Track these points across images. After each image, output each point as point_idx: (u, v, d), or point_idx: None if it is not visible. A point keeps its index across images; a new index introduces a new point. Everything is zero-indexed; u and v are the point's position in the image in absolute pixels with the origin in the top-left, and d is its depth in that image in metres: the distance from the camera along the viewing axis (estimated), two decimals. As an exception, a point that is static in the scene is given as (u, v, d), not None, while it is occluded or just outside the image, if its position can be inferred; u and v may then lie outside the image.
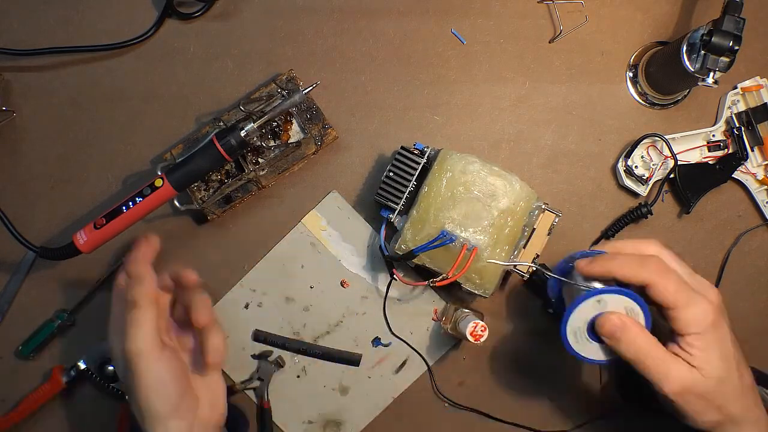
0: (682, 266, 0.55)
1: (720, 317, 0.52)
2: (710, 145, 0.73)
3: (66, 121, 0.71)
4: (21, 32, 0.70)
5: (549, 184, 0.74)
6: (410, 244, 0.64)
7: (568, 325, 0.55)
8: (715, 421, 0.52)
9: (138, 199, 0.62)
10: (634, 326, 0.53)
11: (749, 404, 0.53)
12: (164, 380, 0.54)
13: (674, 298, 0.51)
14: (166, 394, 0.54)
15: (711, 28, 0.63)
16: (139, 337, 0.53)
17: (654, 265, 0.53)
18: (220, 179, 0.69)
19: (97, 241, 0.63)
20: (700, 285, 0.54)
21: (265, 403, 0.71)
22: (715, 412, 0.52)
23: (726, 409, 0.52)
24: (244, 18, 0.73)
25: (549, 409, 0.73)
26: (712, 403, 0.52)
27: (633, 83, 0.74)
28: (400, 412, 0.72)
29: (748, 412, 0.53)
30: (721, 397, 0.52)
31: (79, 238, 0.62)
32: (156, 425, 0.53)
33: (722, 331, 0.52)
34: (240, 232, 0.71)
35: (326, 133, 0.70)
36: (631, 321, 0.53)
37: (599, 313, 0.54)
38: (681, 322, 0.51)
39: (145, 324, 0.54)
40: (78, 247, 0.62)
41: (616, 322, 0.53)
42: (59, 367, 0.68)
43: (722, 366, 0.51)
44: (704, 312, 0.51)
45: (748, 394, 0.53)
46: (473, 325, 0.65)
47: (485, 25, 0.74)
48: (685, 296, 0.51)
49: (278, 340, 0.71)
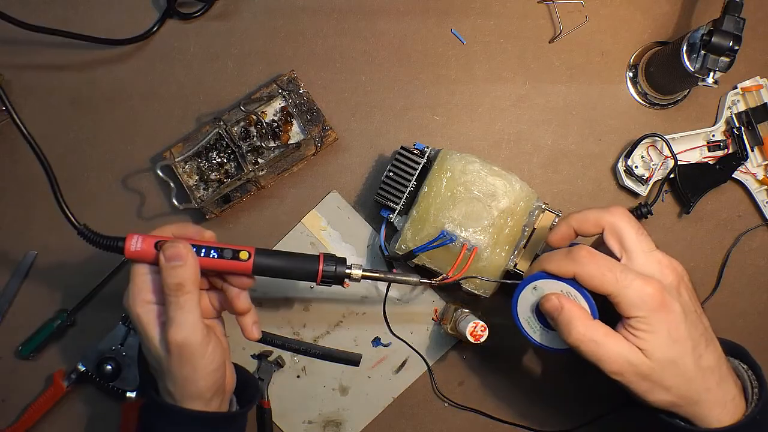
0: (640, 242, 0.53)
1: (670, 299, 0.51)
2: (710, 145, 0.73)
3: (66, 121, 0.71)
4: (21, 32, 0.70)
5: (549, 184, 0.74)
6: (410, 244, 0.64)
7: (519, 317, 0.58)
8: (667, 401, 0.52)
9: (213, 254, 0.55)
10: (571, 306, 0.53)
11: (708, 386, 0.52)
12: (211, 368, 0.54)
13: (601, 283, 0.51)
14: (213, 379, 0.54)
15: (711, 28, 0.63)
16: (187, 324, 0.52)
17: (578, 254, 0.52)
18: (219, 179, 0.69)
19: (146, 256, 0.55)
20: (657, 263, 0.53)
21: (265, 403, 0.71)
22: (663, 392, 0.51)
23: (678, 390, 0.51)
24: (244, 18, 0.73)
25: (549, 409, 0.73)
26: (659, 384, 0.51)
27: (633, 83, 0.74)
28: (400, 412, 0.72)
29: (707, 393, 0.51)
30: (671, 379, 0.51)
31: (133, 245, 0.55)
32: (196, 404, 0.54)
33: (672, 313, 0.51)
34: (240, 232, 0.71)
35: (326, 134, 0.70)
36: (568, 301, 0.53)
37: (538, 300, 0.55)
38: (622, 306, 0.51)
39: (192, 310, 0.52)
40: (124, 248, 0.55)
41: (555, 303, 0.53)
42: (60, 372, 0.68)
43: (671, 348, 0.51)
44: (645, 294, 0.50)
45: (707, 375, 0.52)
46: (473, 325, 0.65)
47: (485, 25, 0.74)
48: (614, 279, 0.50)
49: (278, 340, 0.71)
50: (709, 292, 0.74)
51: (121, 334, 0.68)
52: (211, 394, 0.55)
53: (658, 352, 0.50)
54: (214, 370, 0.54)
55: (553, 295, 0.54)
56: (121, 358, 0.68)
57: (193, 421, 0.55)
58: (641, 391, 0.52)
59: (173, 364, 0.53)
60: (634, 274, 0.51)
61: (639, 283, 0.50)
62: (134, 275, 0.55)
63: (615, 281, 0.51)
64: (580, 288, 0.53)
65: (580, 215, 0.56)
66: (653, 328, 0.50)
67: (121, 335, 0.68)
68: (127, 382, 0.68)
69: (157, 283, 0.54)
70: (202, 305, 0.58)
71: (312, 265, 0.57)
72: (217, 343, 0.55)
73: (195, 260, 0.53)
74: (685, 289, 0.53)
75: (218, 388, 0.56)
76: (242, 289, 0.58)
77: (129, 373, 0.68)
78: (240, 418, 0.60)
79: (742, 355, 0.58)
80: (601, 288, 0.51)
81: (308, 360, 0.71)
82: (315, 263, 0.57)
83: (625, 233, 0.53)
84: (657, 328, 0.50)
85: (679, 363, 0.51)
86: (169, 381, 0.54)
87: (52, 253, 0.70)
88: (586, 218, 0.55)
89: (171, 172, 0.68)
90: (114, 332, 0.68)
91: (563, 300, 0.53)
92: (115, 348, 0.68)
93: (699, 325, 0.52)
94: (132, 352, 0.68)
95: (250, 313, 0.58)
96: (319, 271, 0.57)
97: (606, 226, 0.54)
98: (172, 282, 0.52)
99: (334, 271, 0.58)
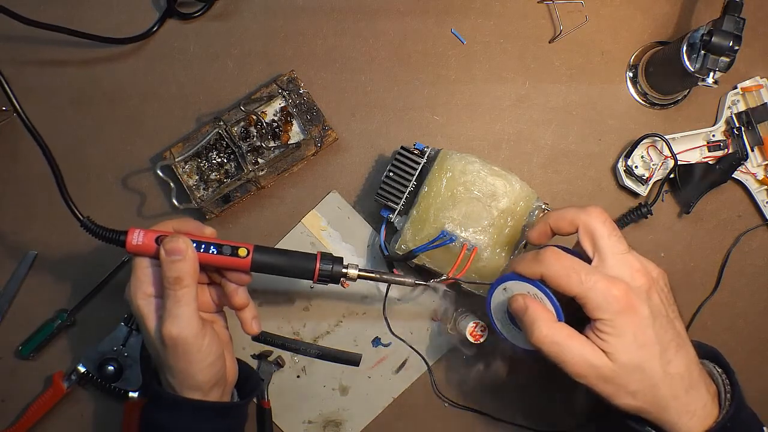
0: (612, 244, 0.52)
1: (637, 302, 0.49)
2: (710, 145, 0.73)
3: (66, 121, 0.71)
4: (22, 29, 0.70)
5: (549, 184, 0.74)
6: (410, 244, 0.64)
7: (493, 316, 0.58)
8: (634, 407, 0.51)
9: (213, 249, 0.56)
10: (536, 307, 0.52)
11: (676, 392, 0.50)
12: (208, 361, 0.54)
13: (566, 283, 0.50)
14: (210, 372, 0.55)
15: (711, 28, 0.63)
16: (183, 317, 0.52)
17: (544, 255, 0.52)
18: (219, 179, 0.69)
19: (147, 250, 0.55)
20: (628, 266, 0.51)
21: (265, 402, 0.71)
22: (629, 397, 0.50)
23: (644, 396, 0.50)
24: (244, 18, 0.73)
25: (549, 409, 0.73)
26: (624, 389, 0.50)
27: (633, 83, 0.74)
28: (400, 412, 0.72)
29: (675, 400, 0.50)
30: (636, 384, 0.50)
31: (135, 238, 0.55)
32: (195, 395, 0.55)
33: (639, 317, 0.49)
34: (240, 232, 0.71)
35: (326, 134, 0.70)
36: (533, 302, 0.52)
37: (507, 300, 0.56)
38: (588, 307, 0.50)
39: (188, 303, 0.53)
40: (126, 242, 0.55)
41: (520, 303, 0.53)
42: (59, 373, 0.68)
43: (637, 353, 0.49)
44: (610, 296, 0.49)
45: (676, 381, 0.50)
46: (473, 325, 0.65)
47: (485, 25, 0.74)
48: (578, 281, 0.49)
49: (278, 340, 0.71)
50: (709, 292, 0.74)
51: (123, 335, 0.68)
52: (210, 387, 0.55)
53: (623, 356, 0.49)
54: (210, 363, 0.55)
55: (520, 296, 0.54)
56: (122, 359, 0.67)
57: (193, 409, 0.55)
58: (606, 395, 0.51)
59: (170, 356, 0.54)
60: (600, 276, 0.50)
61: (604, 285, 0.49)
62: (136, 268, 0.56)
63: (579, 282, 0.50)
64: (545, 290, 0.53)
65: (558, 213, 0.55)
66: (618, 331, 0.49)
67: (122, 336, 0.68)
68: (129, 382, 0.68)
69: (157, 277, 0.55)
70: (202, 299, 0.59)
71: (309, 264, 0.58)
72: (214, 336, 0.56)
73: (194, 255, 0.54)
74: (658, 292, 0.52)
75: (218, 380, 0.56)
76: (240, 285, 0.58)
77: (131, 373, 0.68)
78: (239, 410, 0.60)
79: (715, 357, 0.56)
80: (566, 289, 0.50)
81: (308, 360, 0.71)
82: (312, 261, 0.58)
83: (597, 234, 0.52)
84: (622, 331, 0.49)
85: (645, 368, 0.50)
86: (168, 373, 0.55)
87: (53, 252, 0.70)
88: (563, 216, 0.55)
89: (171, 172, 0.68)
90: (115, 333, 0.68)
91: (528, 301, 0.53)
92: (116, 349, 0.68)
93: (669, 330, 0.51)
94: (134, 352, 0.68)
95: (249, 308, 0.59)
96: (316, 269, 0.58)
97: (580, 226, 0.53)
98: (171, 275, 0.53)
99: (330, 270, 0.58)
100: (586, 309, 0.50)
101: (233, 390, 0.61)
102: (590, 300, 0.50)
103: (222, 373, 0.57)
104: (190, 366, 0.54)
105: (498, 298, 0.57)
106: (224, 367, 0.57)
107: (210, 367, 0.55)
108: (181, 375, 0.54)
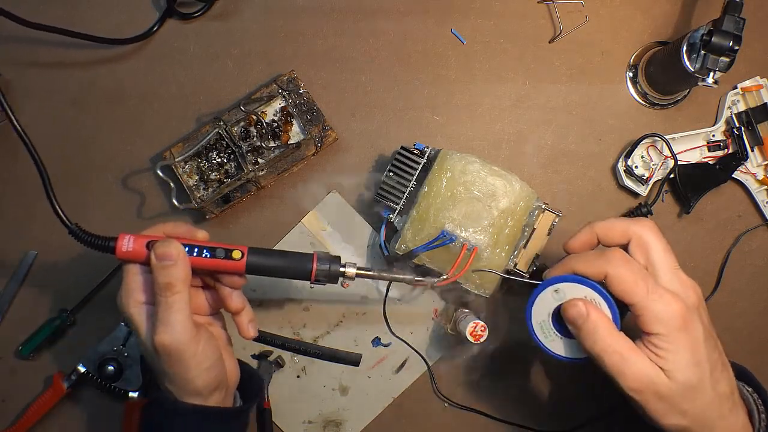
0: (667, 259, 0.51)
1: (693, 319, 0.49)
2: (710, 145, 0.73)
3: (66, 121, 0.71)
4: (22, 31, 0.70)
5: (549, 184, 0.74)
6: (410, 244, 0.64)
7: (531, 319, 0.55)
8: (681, 426, 0.50)
9: (206, 253, 0.55)
10: (597, 314, 0.50)
11: (723, 412, 0.50)
12: (204, 366, 0.53)
13: (631, 289, 0.49)
14: (208, 377, 0.54)
15: (711, 28, 0.63)
16: (176, 325, 0.51)
17: (613, 255, 0.50)
18: (219, 179, 0.69)
19: (138, 256, 0.54)
20: (680, 283, 0.51)
21: (265, 403, 0.71)
22: (678, 416, 0.49)
23: (693, 415, 0.49)
24: (244, 18, 0.73)
25: (549, 409, 0.73)
26: (677, 407, 0.49)
27: (633, 83, 0.74)
28: (400, 412, 0.72)
29: (721, 420, 0.50)
30: (688, 403, 0.49)
31: (124, 245, 0.54)
32: (195, 400, 0.54)
33: (694, 335, 0.49)
34: (240, 232, 0.71)
35: (326, 134, 0.70)
36: (595, 309, 0.51)
37: (559, 304, 0.53)
38: (645, 319, 0.49)
39: (181, 310, 0.51)
40: (116, 249, 0.54)
41: (582, 309, 0.51)
42: (59, 374, 0.68)
43: (692, 371, 0.48)
44: (671, 311, 0.48)
45: (723, 401, 0.50)
46: (473, 325, 0.65)
47: (485, 25, 0.74)
48: (645, 289, 0.48)
49: (278, 340, 0.71)
50: (709, 292, 0.74)
51: (123, 335, 0.68)
52: (210, 391, 0.55)
53: (680, 374, 0.48)
54: (207, 368, 0.54)
55: (580, 300, 0.51)
56: (123, 359, 0.68)
57: (194, 415, 0.54)
58: (656, 413, 0.50)
59: (165, 364, 0.53)
60: (665, 289, 0.49)
61: (668, 298, 0.48)
62: (126, 275, 0.54)
63: (645, 291, 0.48)
64: (606, 295, 0.51)
65: (606, 223, 0.54)
66: (676, 347, 0.48)
67: (122, 336, 0.68)
68: (129, 382, 0.68)
69: (149, 283, 0.54)
70: (196, 303, 0.58)
71: (306, 264, 0.57)
72: (210, 340, 0.54)
73: (186, 259, 0.53)
74: (704, 311, 0.52)
75: (217, 384, 0.55)
76: (234, 288, 0.57)
77: (131, 373, 0.68)
78: (240, 415, 0.60)
79: (746, 377, 0.56)
80: (629, 295, 0.49)
81: (308, 360, 0.71)
82: (309, 262, 0.57)
83: (652, 247, 0.51)
84: (679, 348, 0.48)
85: (698, 387, 0.49)
86: (166, 379, 0.54)
87: (52, 253, 0.70)
88: (613, 227, 0.53)
89: (171, 172, 0.68)
90: (115, 333, 0.68)
91: (590, 307, 0.51)
92: (116, 348, 0.68)
93: (716, 349, 0.51)
94: (134, 352, 0.68)
95: (245, 311, 0.58)
96: (313, 269, 0.57)
97: (633, 237, 0.52)
98: (163, 281, 0.52)
99: (328, 270, 0.58)
100: (642, 320, 0.49)
101: (235, 392, 0.60)
102: (650, 312, 0.48)
103: (222, 376, 0.56)
104: (186, 372, 0.53)
105: (545, 300, 0.54)
106: (224, 371, 0.56)
107: (207, 371, 0.54)
108: (179, 381, 0.53)
